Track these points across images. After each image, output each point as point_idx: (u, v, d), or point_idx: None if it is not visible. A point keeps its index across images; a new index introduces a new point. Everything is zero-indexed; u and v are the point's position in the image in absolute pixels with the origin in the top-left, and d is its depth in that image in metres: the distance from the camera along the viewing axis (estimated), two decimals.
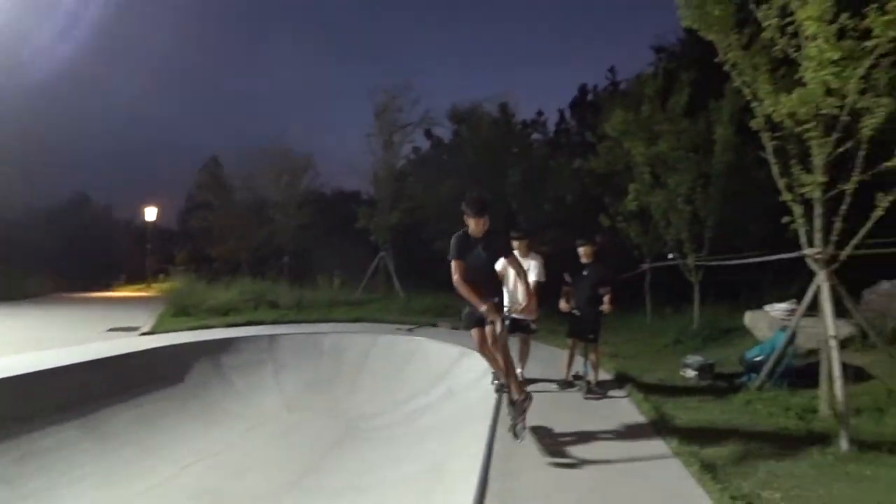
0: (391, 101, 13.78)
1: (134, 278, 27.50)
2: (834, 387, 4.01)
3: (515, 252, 5.23)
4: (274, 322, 10.99)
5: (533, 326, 5.75)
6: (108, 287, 25.61)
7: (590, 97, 17.75)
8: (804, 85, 3.87)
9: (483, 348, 4.24)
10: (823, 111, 3.84)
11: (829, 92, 3.70)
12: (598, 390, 5.41)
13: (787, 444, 3.89)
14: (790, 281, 9.55)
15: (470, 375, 6.92)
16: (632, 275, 11.14)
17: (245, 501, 4.58)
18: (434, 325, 10.60)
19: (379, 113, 13.86)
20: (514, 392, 3.97)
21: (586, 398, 5.25)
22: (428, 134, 18.94)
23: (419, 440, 5.56)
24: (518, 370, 5.80)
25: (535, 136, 20.30)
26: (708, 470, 3.28)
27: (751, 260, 6.18)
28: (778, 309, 6.93)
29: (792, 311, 6.30)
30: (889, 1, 3.49)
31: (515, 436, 3.83)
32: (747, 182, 8.95)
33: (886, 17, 3.46)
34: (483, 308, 3.87)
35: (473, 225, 4.06)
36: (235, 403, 7.40)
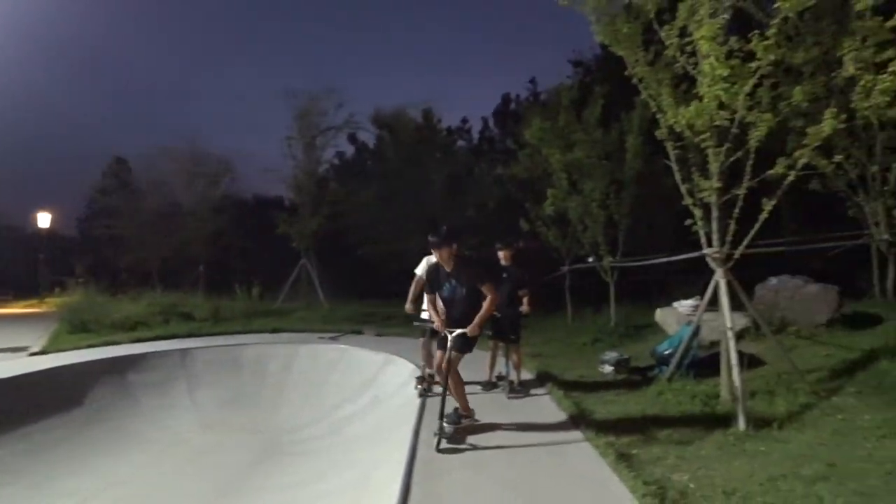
0: (312, 103, 13.39)
1: (25, 293, 24.52)
2: (732, 374, 4.39)
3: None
4: (188, 335, 10.41)
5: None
6: None
7: (512, 106, 18.37)
8: (700, 99, 4.24)
9: (438, 367, 4.39)
10: (717, 123, 4.24)
11: (721, 106, 4.09)
12: (520, 390, 5.55)
13: (693, 428, 4.21)
14: (696, 279, 10.44)
15: (396, 381, 6.90)
16: (552, 277, 11.64)
17: None
18: (359, 333, 10.47)
19: (300, 116, 13.41)
20: (462, 409, 4.25)
21: (509, 398, 5.38)
22: (352, 139, 18.72)
23: (346, 450, 5.45)
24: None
25: (460, 142, 20.82)
26: (623, 459, 3.48)
27: (658, 260, 6.66)
28: (684, 305, 7.53)
29: (696, 307, 6.85)
30: (769, 27, 3.94)
31: (439, 440, 3.88)
32: (656, 188, 9.66)
33: (766, 42, 3.89)
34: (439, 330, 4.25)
35: (437, 257, 4.21)
36: (145, 425, 6.92)
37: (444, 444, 3.88)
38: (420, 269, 5.68)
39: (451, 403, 4.29)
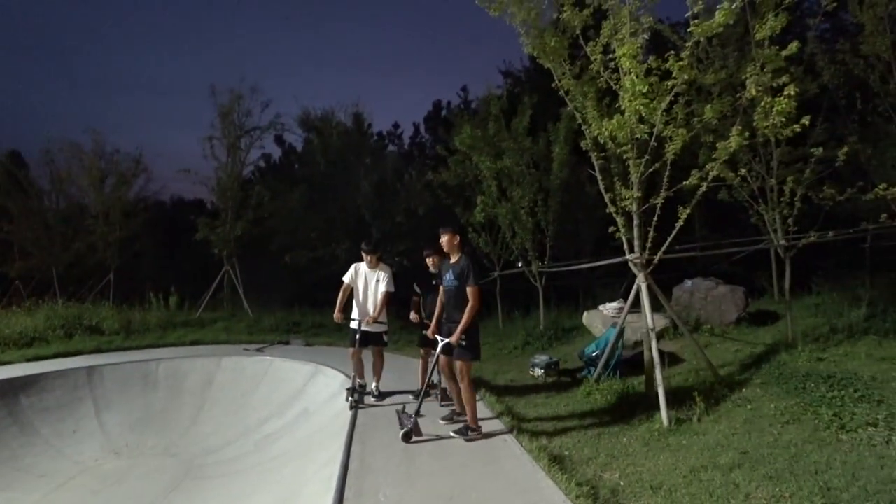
0: (236, 102, 12.66)
1: None
2: (654, 372, 4.64)
3: (364, 264, 5.69)
4: (95, 351, 9.49)
5: (385, 339, 5.80)
6: None
7: (444, 113, 18.55)
8: (622, 113, 4.47)
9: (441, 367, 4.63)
10: (637, 136, 4.50)
11: (640, 120, 4.34)
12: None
13: (621, 426, 4.42)
14: (619, 283, 11.04)
15: (326, 392, 6.69)
16: (483, 282, 11.79)
17: None
18: (286, 343, 10.04)
19: (223, 114, 12.64)
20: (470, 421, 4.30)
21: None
22: (279, 140, 18.01)
23: (273, 468, 5.18)
24: (373, 384, 5.78)
25: (391, 147, 20.71)
26: (555, 461, 3.57)
27: (583, 266, 6.94)
28: (609, 308, 7.90)
29: (620, 309, 7.23)
30: (683, 50, 4.23)
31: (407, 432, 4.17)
32: (581, 196, 10.14)
33: (681, 63, 4.18)
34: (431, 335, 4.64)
35: (443, 244, 4.53)
36: (41, 457, 6.28)
37: (414, 438, 4.15)
38: (347, 277, 5.67)
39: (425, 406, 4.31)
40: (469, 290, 4.17)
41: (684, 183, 4.70)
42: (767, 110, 4.18)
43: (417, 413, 4.44)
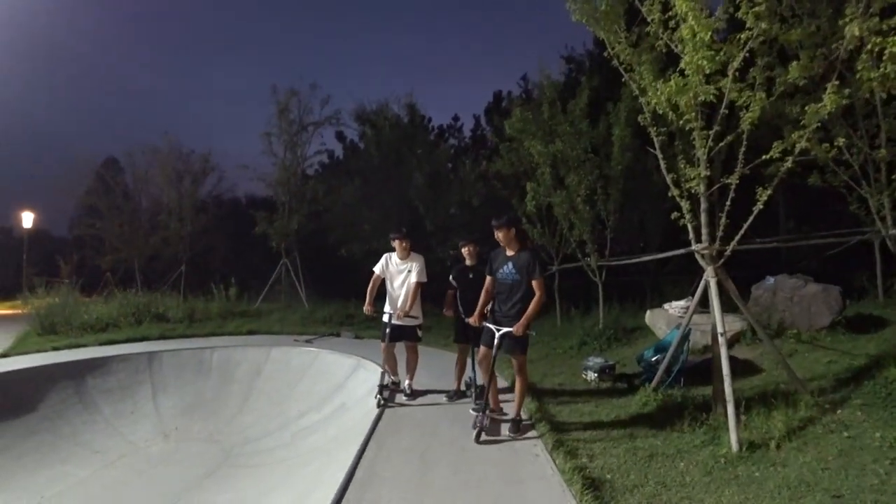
0: (290, 98, 12.89)
1: (9, 294, 23.90)
2: (724, 385, 3.89)
3: (395, 254, 5.40)
4: (160, 337, 9.97)
5: (418, 333, 5.49)
6: None
7: (504, 104, 17.90)
8: (683, 73, 3.75)
9: (479, 361, 4.47)
10: (702, 98, 3.73)
11: (707, 80, 3.58)
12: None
13: (679, 448, 3.72)
14: (691, 278, 9.97)
15: (365, 387, 6.48)
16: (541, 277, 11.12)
17: None
18: (336, 335, 9.97)
19: (280, 111, 12.91)
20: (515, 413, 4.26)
21: (476, 407, 4.85)
22: (340, 137, 18.23)
23: (299, 465, 5.04)
24: (405, 382, 5.44)
25: (452, 141, 20.34)
26: (591, 487, 2.99)
27: (645, 258, 6.17)
28: (675, 306, 7.03)
29: (688, 308, 6.38)
30: None
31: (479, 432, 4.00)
32: (648, 184, 9.19)
33: (756, 9, 3.41)
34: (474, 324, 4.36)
35: (498, 238, 4.32)
36: (100, 434, 6.61)
37: (483, 437, 3.99)
38: (378, 267, 5.47)
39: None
40: (535, 282, 4.10)
41: (763, 157, 3.89)
42: (877, 54, 3.27)
43: (484, 410, 4.13)
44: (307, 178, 14.78)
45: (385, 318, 5.27)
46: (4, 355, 8.47)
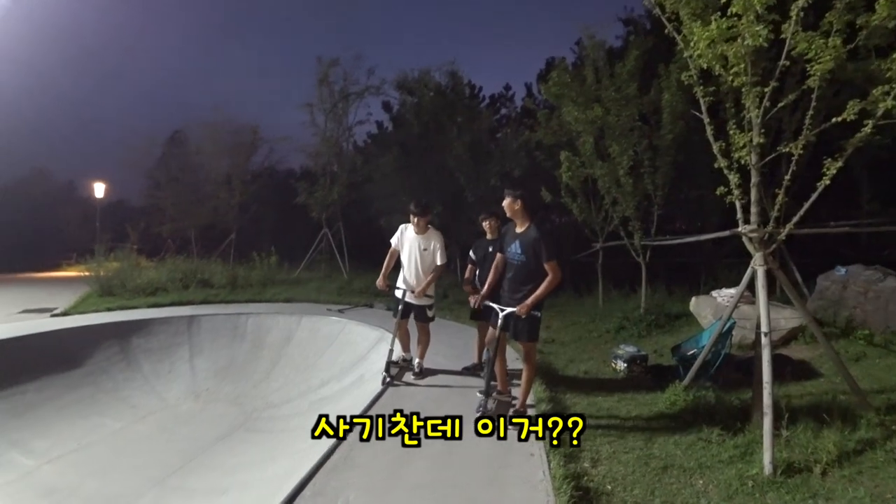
0: (330, 68, 12.69)
1: (84, 257, 26.04)
2: (763, 393, 3.30)
3: (412, 227, 5.03)
4: (203, 302, 10.31)
5: (429, 314, 5.16)
6: (57, 266, 24.26)
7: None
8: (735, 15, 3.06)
9: (488, 341, 4.05)
10: (751, 41, 3.01)
11: (758, 18, 2.88)
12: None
13: (701, 461, 3.18)
14: (748, 264, 8.99)
15: (384, 361, 6.38)
16: (585, 255, 10.47)
17: (94, 502, 4.12)
18: (370, 306, 9.87)
19: (319, 81, 12.76)
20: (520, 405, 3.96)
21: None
22: (387, 107, 17.94)
23: (305, 436, 4.96)
24: (416, 360, 5.21)
25: (503, 110, 19.50)
26: (584, 500, 2.57)
27: (688, 239, 5.45)
28: (724, 294, 6.28)
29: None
30: None
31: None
32: (705, 156, 8.22)
33: None
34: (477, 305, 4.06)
35: (506, 210, 3.96)
36: (136, 391, 6.91)
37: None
38: (394, 240, 5.17)
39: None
40: (548, 265, 3.67)
41: (834, 119, 3.17)
42: None
43: (488, 394, 3.87)
44: (357, 148, 14.68)
45: (398, 294, 5.02)
46: (64, 314, 9.02)
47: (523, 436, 3.46)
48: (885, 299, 5.45)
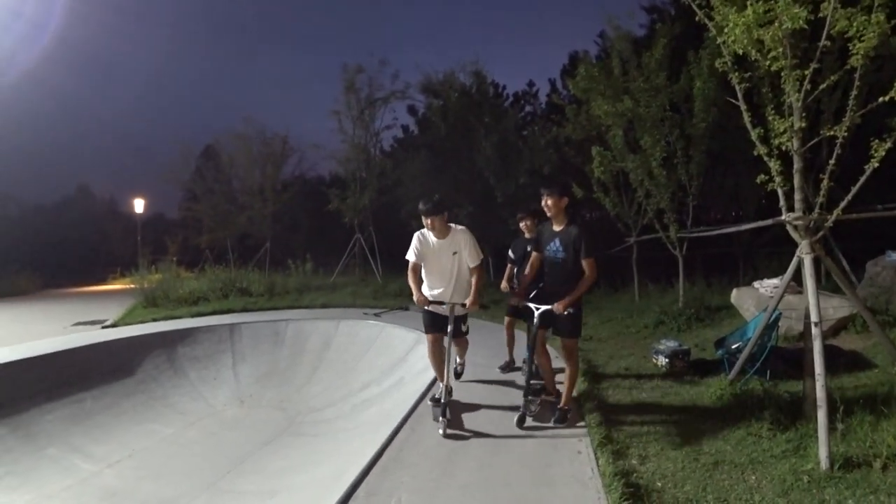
0: (356, 75, 12.91)
1: (128, 270, 27.21)
2: (816, 385, 3.19)
3: (429, 231, 4.16)
4: (243, 310, 10.65)
5: (465, 326, 4.51)
6: (103, 280, 25.41)
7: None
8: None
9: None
10: (789, 25, 2.93)
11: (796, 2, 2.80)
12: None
13: (753, 456, 3.11)
14: (791, 251, 8.68)
15: (423, 362, 6.45)
16: (619, 249, 10.32)
17: None
18: (405, 309, 10.00)
19: (346, 88, 12.99)
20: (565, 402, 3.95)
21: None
22: (412, 110, 18.10)
23: (350, 438, 5.15)
24: (456, 360, 5.16)
25: (527, 108, 19.43)
26: (635, 497, 2.56)
27: (727, 230, 5.32)
28: (766, 285, 6.08)
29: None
30: None
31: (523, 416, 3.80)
32: (740, 143, 8.00)
33: None
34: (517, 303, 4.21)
35: (545, 208, 3.92)
36: (184, 397, 7.16)
37: (528, 422, 3.78)
38: (412, 254, 4.27)
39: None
40: (586, 262, 3.71)
41: (881, 98, 3.05)
42: None
43: (527, 395, 3.86)
44: (384, 153, 14.90)
45: (438, 309, 4.18)
46: (114, 325, 9.47)
47: (569, 434, 3.47)
48: None
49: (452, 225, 4.20)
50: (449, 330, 4.00)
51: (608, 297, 10.38)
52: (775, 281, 6.04)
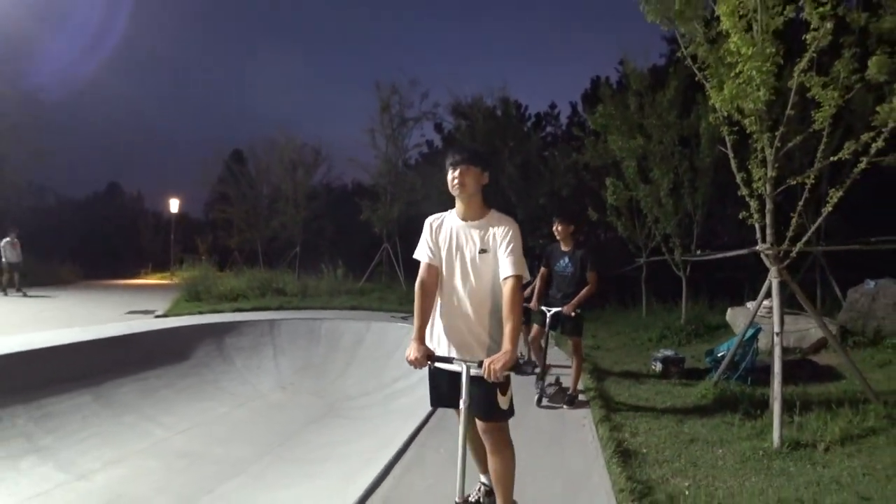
0: (391, 96, 13.96)
1: (159, 267, 28.59)
2: (773, 383, 3.97)
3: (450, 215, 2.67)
4: (278, 308, 11.46)
5: (503, 403, 2.49)
6: (135, 275, 26.70)
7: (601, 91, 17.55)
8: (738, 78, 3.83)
9: (533, 340, 5.03)
10: (754, 106, 3.78)
11: (768, 86, 3.63)
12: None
13: (723, 437, 3.91)
14: (792, 276, 9.34)
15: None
16: (629, 269, 11.08)
17: (221, 464, 4.97)
18: None
19: (382, 108, 14.03)
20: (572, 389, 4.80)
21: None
22: (438, 128, 19.13)
23: (386, 422, 5.83)
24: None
25: (549, 129, 20.30)
26: (622, 454, 3.36)
27: (719, 255, 6.11)
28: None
29: (770, 308, 6.20)
30: None
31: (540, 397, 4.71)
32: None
33: (820, 10, 3.42)
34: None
35: (557, 233, 4.87)
36: (233, 381, 7.89)
37: (544, 402, 4.69)
38: (423, 252, 2.65)
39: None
40: (590, 274, 4.66)
41: (833, 158, 3.86)
42: None
43: (542, 379, 4.81)
44: (408, 167, 15.85)
45: (434, 364, 2.34)
46: (165, 315, 10.44)
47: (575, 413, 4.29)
48: None
49: (494, 210, 2.49)
50: (462, 404, 2.16)
51: (618, 314, 11.13)
52: (766, 301, 6.76)
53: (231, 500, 4.35)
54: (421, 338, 2.34)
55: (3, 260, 13.24)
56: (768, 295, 4.50)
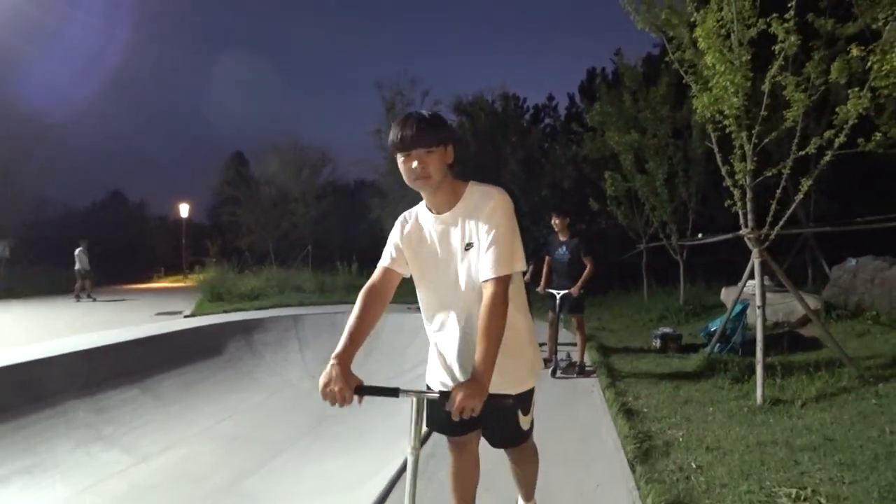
0: (395, 96, 14.44)
1: (171, 271, 29.28)
2: (757, 349, 4.55)
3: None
4: (298, 305, 12.06)
5: (525, 425, 2.08)
6: (149, 279, 27.35)
7: (598, 81, 17.98)
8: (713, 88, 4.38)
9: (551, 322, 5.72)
10: (729, 111, 4.35)
11: (733, 94, 4.18)
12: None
13: (714, 398, 4.51)
14: (784, 258, 9.91)
15: None
16: (630, 255, 11.65)
17: (267, 444, 5.55)
18: None
19: (387, 109, 14.53)
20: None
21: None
22: None
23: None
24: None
25: (547, 120, 20.75)
26: (627, 413, 3.96)
27: (710, 240, 6.69)
28: (750, 284, 7.39)
29: (762, 287, 6.75)
30: (788, 9, 3.98)
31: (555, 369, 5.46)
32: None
33: (786, 25, 3.96)
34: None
35: (555, 225, 5.74)
36: (264, 373, 8.45)
37: (559, 374, 5.42)
38: (385, 257, 2.02)
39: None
40: (586, 258, 5.44)
41: (800, 153, 4.41)
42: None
43: (555, 354, 5.58)
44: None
45: (433, 390, 1.97)
46: (192, 315, 11.03)
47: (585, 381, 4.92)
48: (889, 285, 6.46)
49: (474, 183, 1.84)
50: (410, 451, 1.63)
51: (621, 298, 11.71)
52: (757, 280, 7.34)
53: (282, 473, 4.97)
54: (344, 359, 1.66)
55: (78, 266, 14.03)
56: (753, 275, 5.06)
